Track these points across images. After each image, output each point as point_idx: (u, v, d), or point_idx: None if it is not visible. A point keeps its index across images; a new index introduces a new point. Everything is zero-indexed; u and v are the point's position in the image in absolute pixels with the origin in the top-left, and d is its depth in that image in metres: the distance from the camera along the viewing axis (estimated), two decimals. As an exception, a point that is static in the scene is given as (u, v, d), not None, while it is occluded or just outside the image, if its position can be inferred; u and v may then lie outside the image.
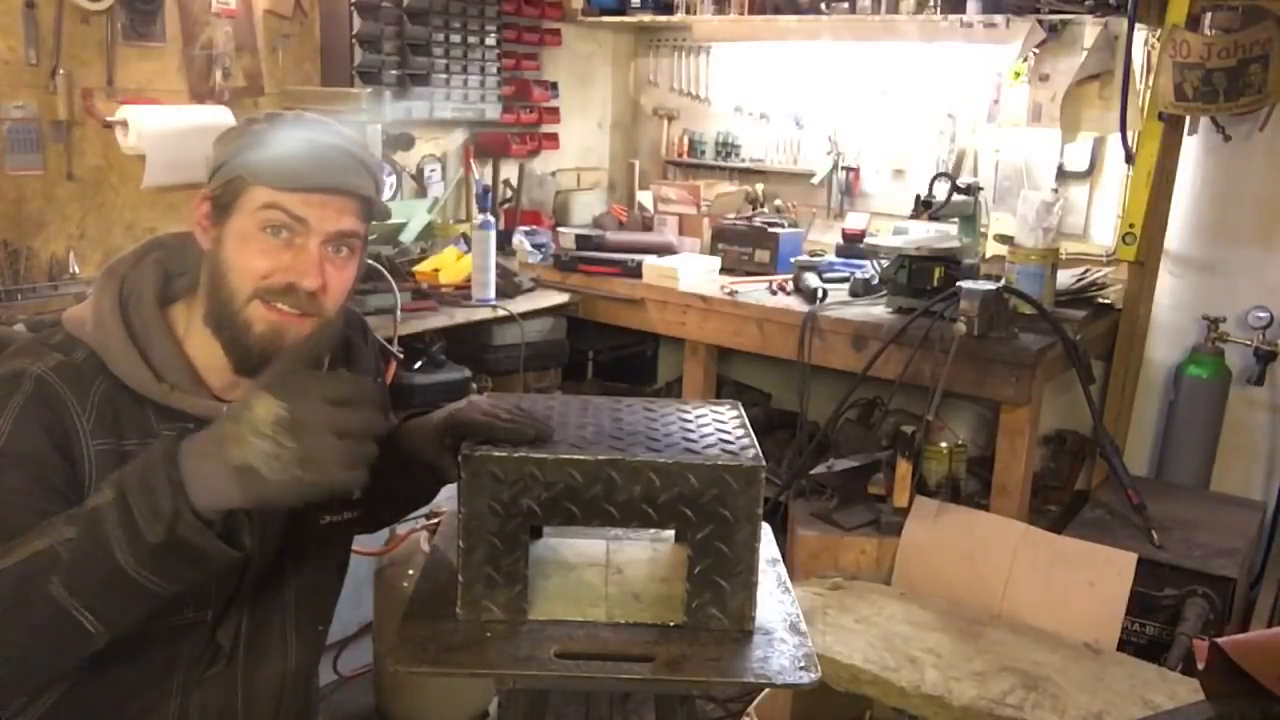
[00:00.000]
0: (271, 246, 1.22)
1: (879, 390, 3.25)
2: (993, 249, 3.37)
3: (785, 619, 1.28)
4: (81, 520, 1.00)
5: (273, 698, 1.39)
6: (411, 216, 3.53)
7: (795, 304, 3.18)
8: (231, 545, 1.03)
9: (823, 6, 3.51)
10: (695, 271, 3.43)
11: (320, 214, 1.22)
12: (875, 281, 3.23)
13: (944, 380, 2.65)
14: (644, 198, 4.13)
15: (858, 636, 2.18)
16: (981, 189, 3.26)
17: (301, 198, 1.21)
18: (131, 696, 1.30)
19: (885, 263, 3.17)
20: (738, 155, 4.20)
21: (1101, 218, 3.43)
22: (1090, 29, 3.13)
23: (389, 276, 2.97)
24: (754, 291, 3.31)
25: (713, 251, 3.70)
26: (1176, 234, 3.25)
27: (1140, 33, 2.99)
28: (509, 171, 4.08)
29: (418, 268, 3.31)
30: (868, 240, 3.47)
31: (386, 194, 3.45)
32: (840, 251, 3.68)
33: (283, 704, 1.41)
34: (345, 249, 1.26)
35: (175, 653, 1.30)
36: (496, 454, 1.20)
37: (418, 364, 2.95)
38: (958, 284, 2.78)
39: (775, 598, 1.33)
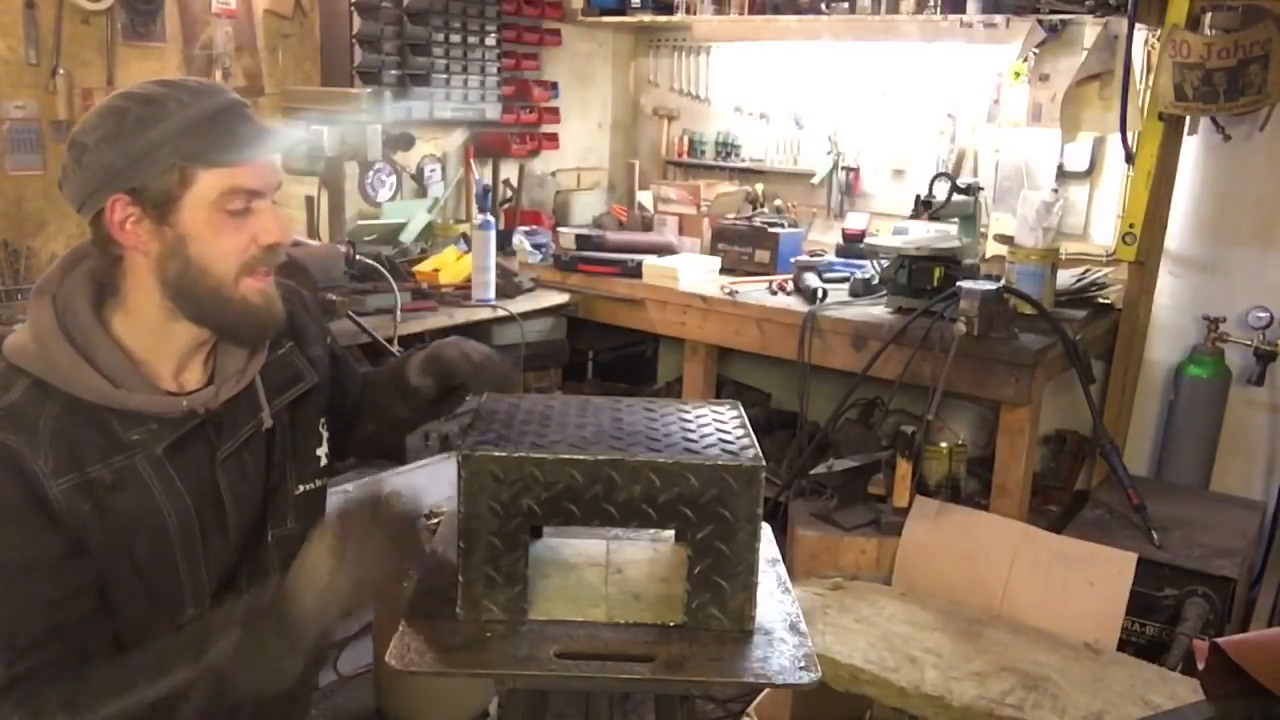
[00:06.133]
0: (238, 222, 1.23)
1: (879, 390, 3.24)
2: (993, 249, 3.37)
3: (785, 619, 1.28)
4: (208, 660, 1.12)
5: None
6: (411, 216, 3.53)
7: (795, 304, 3.18)
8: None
9: (823, 6, 3.51)
10: (695, 271, 3.43)
11: (267, 175, 1.26)
12: (875, 281, 3.23)
13: (944, 380, 2.65)
14: (644, 198, 4.13)
15: (858, 636, 2.18)
16: (981, 189, 3.26)
17: (253, 170, 1.23)
18: None
19: (885, 263, 3.16)
20: (738, 155, 4.20)
21: (1101, 218, 3.42)
22: (1090, 29, 3.13)
23: (389, 276, 2.97)
24: (754, 291, 3.31)
25: (713, 251, 3.70)
26: (1176, 234, 3.25)
27: (1140, 33, 2.99)
28: (509, 171, 4.08)
29: (418, 268, 3.31)
30: (868, 240, 3.47)
31: (386, 194, 3.48)
32: (840, 251, 3.68)
33: None
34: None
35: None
36: (496, 454, 1.20)
37: (418, 364, 2.95)
38: (958, 284, 2.78)
39: (775, 598, 1.33)
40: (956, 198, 3.11)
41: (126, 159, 1.18)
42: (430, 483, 2.79)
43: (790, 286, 3.32)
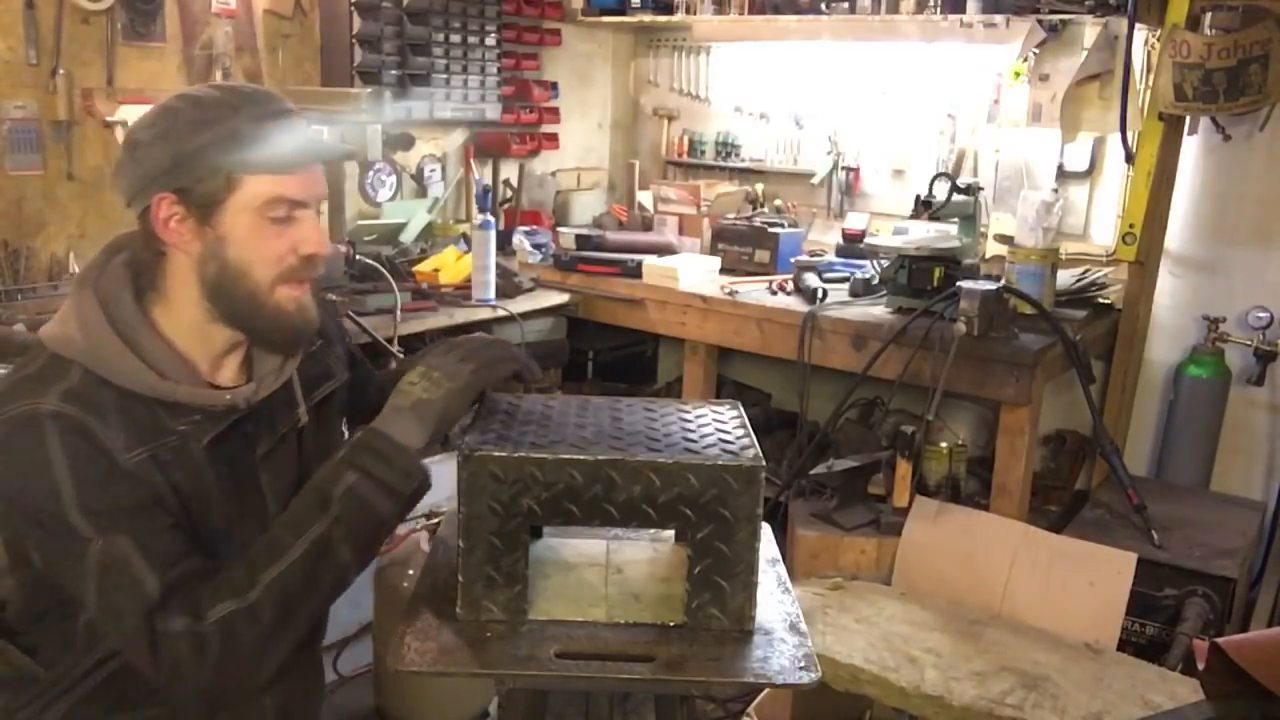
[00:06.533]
0: (279, 229, 1.25)
1: (879, 390, 3.24)
2: (993, 249, 3.37)
3: (785, 619, 1.28)
4: (336, 502, 1.22)
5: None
6: (411, 216, 3.53)
7: (795, 304, 3.18)
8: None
9: (823, 6, 3.51)
10: (695, 271, 3.43)
11: (312, 186, 1.28)
12: (875, 281, 3.23)
13: (944, 380, 2.65)
14: (644, 198, 4.13)
15: (858, 636, 2.18)
16: (981, 189, 3.26)
17: (299, 180, 1.25)
18: None
19: (885, 263, 3.17)
20: (738, 155, 4.20)
21: (1101, 218, 3.42)
22: (1090, 29, 3.13)
23: (389, 276, 2.97)
24: (754, 291, 3.31)
25: (713, 251, 3.70)
26: (1176, 234, 3.25)
27: (1140, 33, 2.99)
28: (509, 171, 4.08)
29: (418, 268, 3.31)
30: (868, 240, 3.47)
31: (386, 194, 3.47)
32: (840, 251, 3.68)
33: (293, 665, 1.39)
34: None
35: None
36: (496, 454, 1.20)
37: (418, 364, 2.95)
38: (958, 284, 2.78)
39: (775, 598, 1.33)
40: (956, 198, 3.11)
41: (176, 159, 1.21)
42: (430, 483, 2.79)
43: (790, 286, 3.32)
